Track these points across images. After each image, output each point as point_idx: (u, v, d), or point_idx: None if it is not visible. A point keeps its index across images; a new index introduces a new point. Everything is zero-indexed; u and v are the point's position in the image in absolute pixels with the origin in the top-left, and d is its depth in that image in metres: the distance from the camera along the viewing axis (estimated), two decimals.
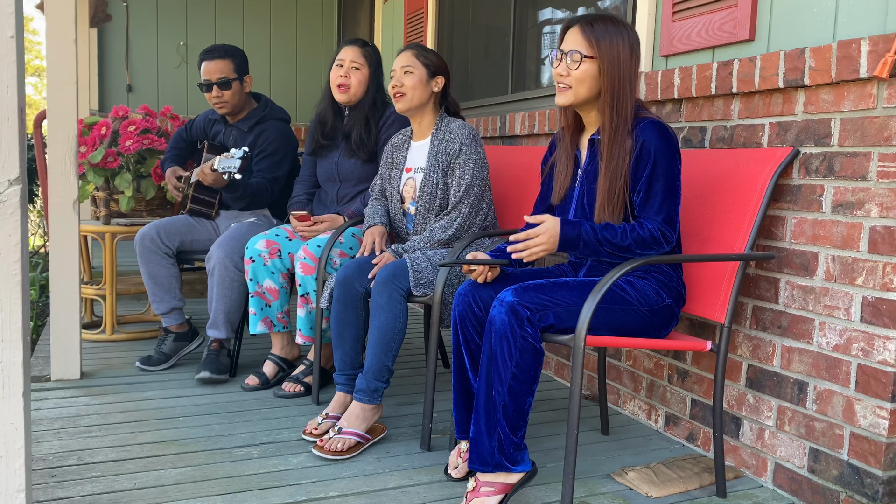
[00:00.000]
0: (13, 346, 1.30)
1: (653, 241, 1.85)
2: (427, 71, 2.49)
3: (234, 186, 2.80)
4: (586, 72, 1.88)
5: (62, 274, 2.72)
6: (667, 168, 1.85)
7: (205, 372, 2.77)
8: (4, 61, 1.26)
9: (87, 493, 1.90)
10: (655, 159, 1.84)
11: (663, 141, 1.85)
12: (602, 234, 1.84)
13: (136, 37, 5.91)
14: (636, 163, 1.86)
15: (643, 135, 1.85)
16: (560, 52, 1.92)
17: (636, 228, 1.85)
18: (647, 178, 1.86)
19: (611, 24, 1.89)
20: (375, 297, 2.23)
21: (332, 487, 1.98)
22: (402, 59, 2.51)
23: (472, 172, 2.42)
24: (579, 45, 1.89)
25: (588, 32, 1.88)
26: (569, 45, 1.90)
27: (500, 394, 1.77)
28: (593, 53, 1.87)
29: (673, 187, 1.86)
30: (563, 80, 1.91)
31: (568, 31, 1.93)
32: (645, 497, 1.98)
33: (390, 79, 2.50)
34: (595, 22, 1.89)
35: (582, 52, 1.88)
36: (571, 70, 1.89)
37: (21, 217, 1.28)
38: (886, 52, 1.69)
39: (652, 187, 1.86)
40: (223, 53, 3.00)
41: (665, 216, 1.86)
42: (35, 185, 6.47)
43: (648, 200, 1.87)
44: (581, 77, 1.89)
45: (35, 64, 21.13)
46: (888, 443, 1.76)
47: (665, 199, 1.86)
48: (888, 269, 1.74)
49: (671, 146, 1.86)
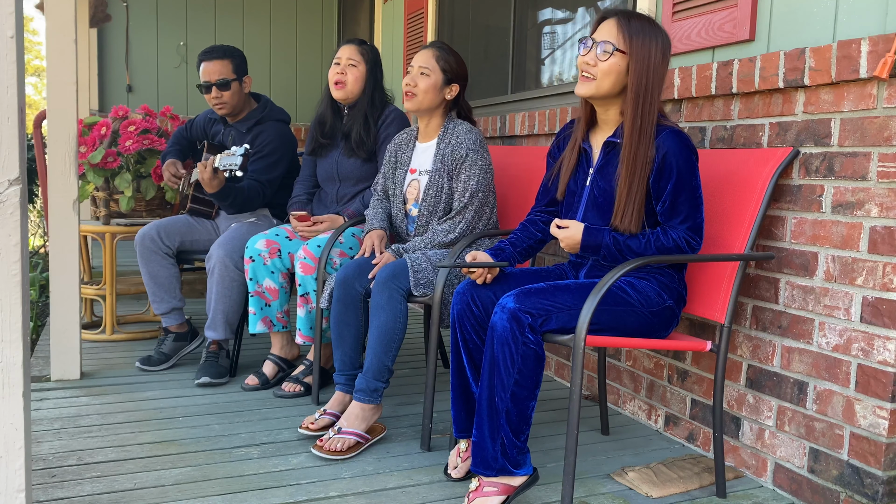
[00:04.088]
0: (13, 346, 1.30)
1: (677, 249, 1.86)
2: (444, 77, 2.45)
3: (225, 194, 2.77)
4: (614, 66, 1.85)
5: (62, 274, 2.72)
6: (690, 178, 1.85)
7: (204, 377, 2.77)
8: (4, 61, 1.26)
9: (87, 493, 1.90)
10: (679, 171, 1.83)
11: (686, 152, 1.85)
12: (626, 244, 1.87)
13: (136, 37, 5.91)
14: (658, 174, 1.85)
15: (665, 145, 1.84)
16: (592, 41, 1.88)
17: (660, 237, 1.86)
18: (671, 190, 1.85)
19: (647, 23, 1.86)
20: (375, 297, 2.23)
21: (331, 487, 1.98)
22: (422, 57, 2.46)
23: (477, 178, 2.41)
24: (613, 37, 1.85)
25: (624, 26, 1.84)
26: (602, 36, 1.86)
27: (503, 399, 1.77)
28: (626, 49, 1.84)
29: (696, 195, 1.86)
30: (588, 69, 1.87)
31: (603, 21, 1.89)
32: (645, 497, 1.98)
33: (407, 72, 2.47)
34: (632, 18, 1.86)
35: (615, 44, 1.84)
36: (600, 61, 1.85)
37: (21, 217, 1.28)
38: (886, 52, 1.69)
39: (677, 199, 1.85)
40: (222, 54, 2.99)
41: (691, 224, 1.86)
42: (35, 185, 6.47)
43: (674, 211, 1.86)
44: (608, 70, 1.85)
45: (35, 64, 21.13)
46: (888, 443, 1.76)
47: (690, 208, 1.86)
48: (888, 269, 1.74)
49: (692, 155, 1.86)
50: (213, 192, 2.73)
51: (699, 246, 1.88)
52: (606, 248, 1.88)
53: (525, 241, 2.13)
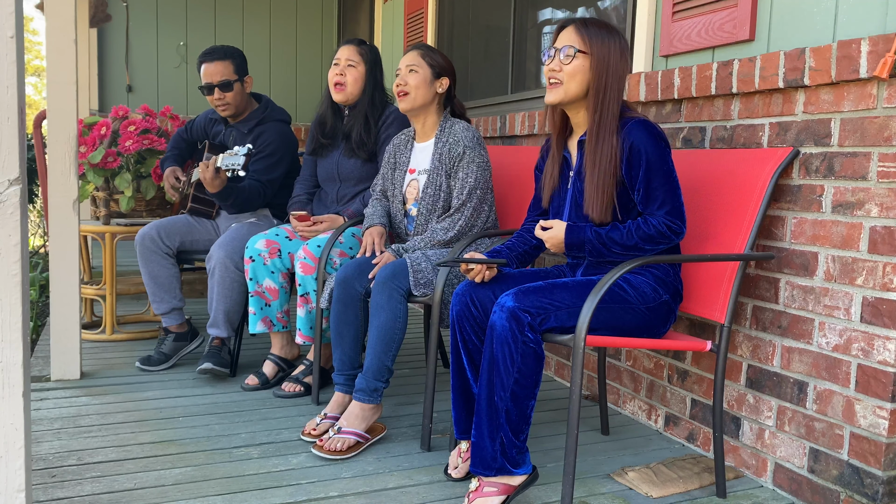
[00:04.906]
0: (13, 346, 1.30)
1: (660, 235, 1.88)
2: (432, 71, 2.49)
3: (227, 194, 2.78)
4: (578, 67, 1.92)
5: (62, 274, 2.72)
6: (661, 163, 1.88)
7: (207, 363, 2.77)
8: (4, 61, 1.26)
9: (87, 493, 1.90)
10: (648, 157, 1.87)
11: (652, 138, 1.88)
12: (608, 236, 1.90)
13: (136, 37, 5.91)
14: (628, 164, 1.89)
15: (631, 135, 1.88)
16: (554, 50, 1.96)
17: (641, 226, 1.88)
18: (643, 177, 1.88)
19: (603, 26, 1.95)
20: (375, 297, 2.23)
21: (332, 487, 1.98)
22: (408, 58, 2.51)
23: (475, 176, 2.42)
24: (573, 41, 1.93)
25: (582, 30, 1.94)
26: (562, 42, 1.95)
27: (503, 399, 1.77)
28: (586, 49, 1.92)
29: (670, 179, 1.89)
30: (555, 75, 1.95)
31: (562, 30, 1.98)
32: (645, 497, 1.98)
33: (395, 76, 2.50)
34: (589, 23, 1.95)
35: (576, 46, 1.92)
36: (564, 65, 1.93)
37: (21, 217, 1.28)
38: (886, 52, 1.69)
39: (650, 184, 1.88)
40: (222, 55, 2.99)
41: (669, 208, 1.88)
42: (35, 185, 6.47)
43: (649, 197, 1.89)
44: (573, 72, 1.92)
45: (35, 64, 21.14)
46: (888, 443, 1.76)
47: (666, 193, 1.88)
48: (888, 269, 1.74)
49: (660, 141, 1.90)
50: (214, 192, 2.73)
51: (682, 229, 1.90)
52: (590, 242, 1.91)
53: (521, 247, 2.16)
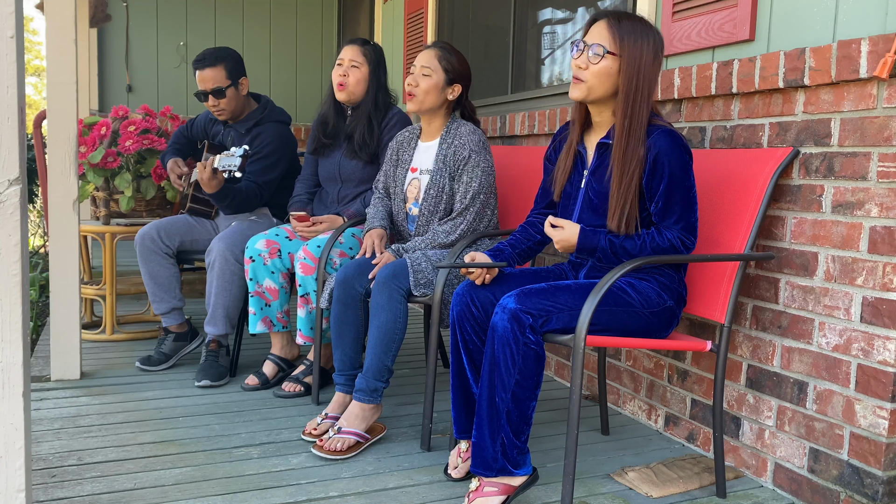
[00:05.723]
0: (13, 346, 1.30)
1: (672, 249, 1.86)
2: (445, 77, 2.44)
3: (223, 195, 2.77)
4: (605, 69, 1.84)
5: (62, 274, 2.72)
6: (683, 177, 1.84)
7: (205, 380, 2.77)
8: (4, 61, 1.26)
9: (87, 493, 1.90)
10: (671, 170, 1.82)
11: (678, 151, 1.83)
12: (621, 246, 1.87)
13: (136, 37, 5.91)
14: (651, 174, 1.84)
15: (657, 145, 1.83)
16: (583, 44, 1.87)
17: (655, 238, 1.86)
18: (664, 190, 1.84)
19: (639, 23, 1.85)
20: (375, 297, 2.23)
21: (332, 487, 1.98)
22: (424, 57, 2.45)
23: (479, 180, 2.40)
24: (604, 39, 1.84)
25: (614, 28, 1.83)
26: (593, 38, 1.85)
27: (504, 400, 1.77)
28: (616, 50, 1.83)
29: (690, 195, 1.86)
30: (580, 72, 1.87)
31: (594, 23, 1.88)
32: (645, 497, 1.98)
33: (408, 73, 2.45)
34: (623, 19, 1.84)
35: (605, 46, 1.83)
36: (591, 64, 1.84)
37: (21, 217, 1.28)
38: (886, 52, 1.69)
39: (670, 199, 1.85)
40: (213, 60, 2.97)
41: (684, 224, 1.86)
42: (35, 185, 6.47)
43: (667, 211, 1.86)
44: (599, 73, 1.84)
45: (35, 64, 21.13)
46: (888, 443, 1.76)
47: (684, 208, 1.85)
48: (888, 269, 1.74)
49: (685, 154, 1.85)
50: (211, 193, 2.72)
51: (693, 245, 1.89)
52: (602, 251, 1.88)
53: (524, 243, 2.13)
